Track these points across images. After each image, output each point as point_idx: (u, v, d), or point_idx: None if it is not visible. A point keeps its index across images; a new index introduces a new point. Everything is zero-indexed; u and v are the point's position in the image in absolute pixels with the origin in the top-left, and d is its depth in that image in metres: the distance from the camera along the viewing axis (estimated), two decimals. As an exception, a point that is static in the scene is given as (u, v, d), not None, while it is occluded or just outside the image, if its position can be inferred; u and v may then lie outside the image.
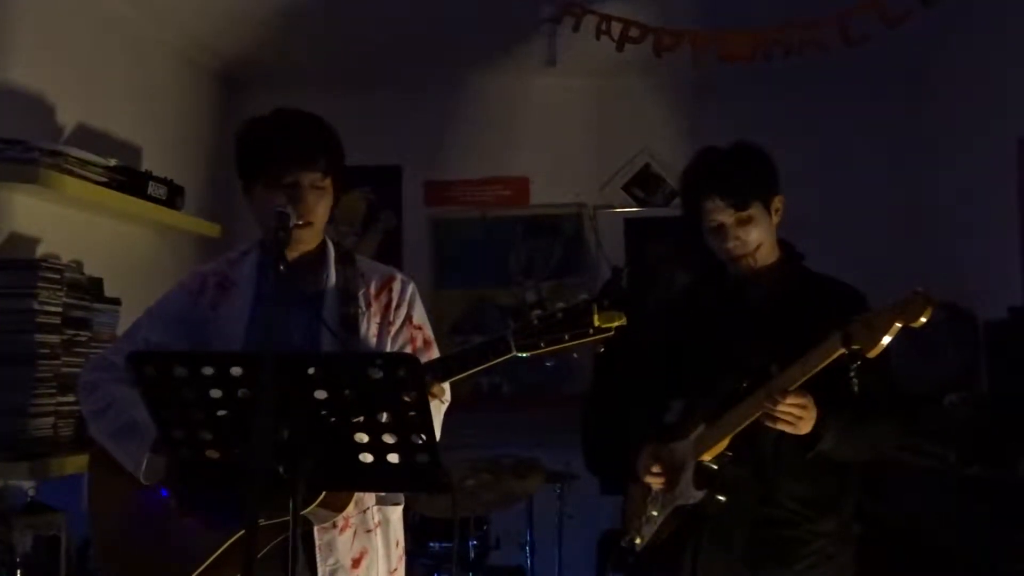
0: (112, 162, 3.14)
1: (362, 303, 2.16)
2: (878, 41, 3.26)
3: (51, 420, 2.73)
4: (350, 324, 2.11)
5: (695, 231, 2.44)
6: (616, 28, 3.44)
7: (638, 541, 2.46)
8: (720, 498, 2.29)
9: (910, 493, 3.47)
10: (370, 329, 2.14)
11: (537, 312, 1.85)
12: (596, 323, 1.82)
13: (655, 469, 2.39)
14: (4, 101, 2.97)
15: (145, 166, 3.66)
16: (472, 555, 3.72)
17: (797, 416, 2.13)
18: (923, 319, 1.95)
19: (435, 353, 2.19)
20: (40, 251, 3.06)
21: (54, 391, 2.74)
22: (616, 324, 1.84)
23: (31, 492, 2.78)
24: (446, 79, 4.74)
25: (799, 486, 2.30)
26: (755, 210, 2.33)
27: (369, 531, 2.12)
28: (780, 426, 2.15)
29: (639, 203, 4.87)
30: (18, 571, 2.62)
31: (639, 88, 4.83)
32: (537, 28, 3.51)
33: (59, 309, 2.78)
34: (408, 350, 2.16)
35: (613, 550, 2.56)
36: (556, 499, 4.05)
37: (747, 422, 2.20)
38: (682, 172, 2.45)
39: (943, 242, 4.42)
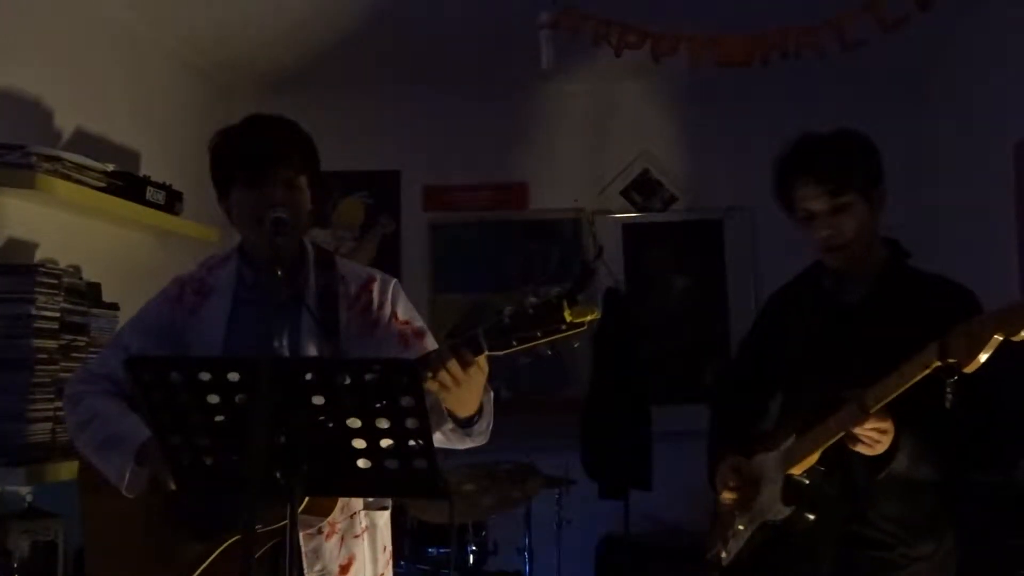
0: (110, 167, 3.15)
1: (343, 306, 2.14)
2: (876, 45, 3.26)
3: (48, 425, 2.73)
4: (331, 328, 2.09)
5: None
6: (614, 33, 3.45)
7: (724, 555, 2.34)
8: (809, 516, 2.16)
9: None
10: (352, 332, 2.12)
11: (508, 310, 1.82)
12: (568, 319, 1.80)
13: (732, 484, 2.27)
14: (2, 106, 2.98)
15: (143, 171, 3.66)
16: (470, 560, 3.72)
17: (876, 440, 1.99)
18: None
19: (429, 341, 2.15)
20: (38, 256, 3.06)
21: (51, 396, 2.73)
22: (589, 318, 1.81)
23: (28, 497, 2.78)
24: (445, 84, 4.75)
25: (894, 505, 2.14)
26: (852, 198, 2.16)
27: (357, 536, 2.11)
28: (859, 448, 2.01)
29: (637, 208, 4.87)
30: (15, 576, 2.63)
31: (637, 93, 4.84)
32: (535, 34, 3.51)
33: (57, 314, 2.78)
34: (399, 346, 2.13)
35: (702, 563, 2.44)
36: (554, 504, 4.05)
37: (838, 436, 2.04)
38: (775, 159, 2.30)
39: (941, 247, 4.42)
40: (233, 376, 1.64)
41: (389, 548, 2.23)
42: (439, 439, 2.01)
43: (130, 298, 3.06)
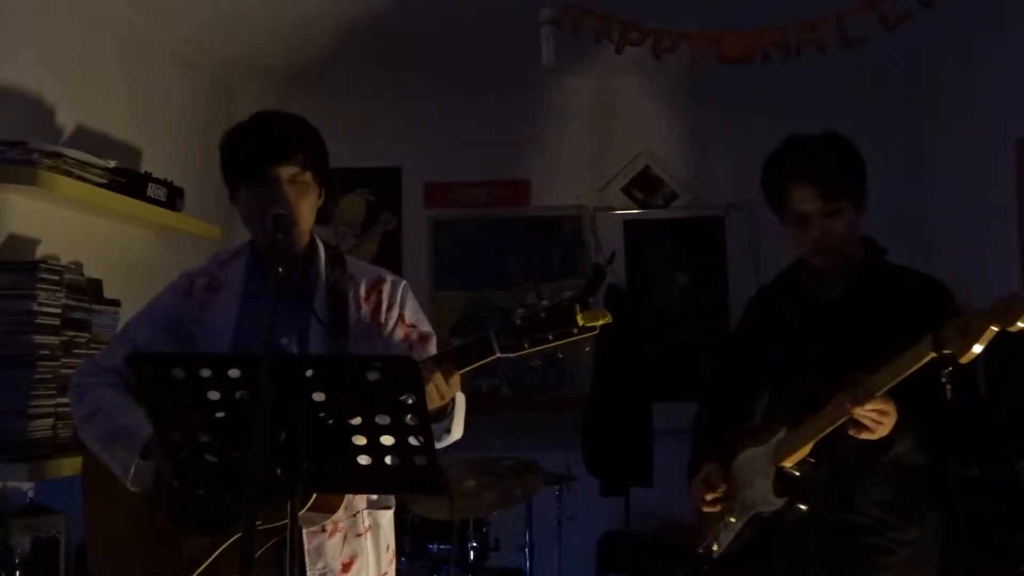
0: (111, 164, 3.15)
1: (352, 305, 2.14)
2: (877, 42, 3.26)
3: (50, 421, 2.74)
4: (340, 326, 2.10)
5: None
6: (615, 30, 3.44)
7: (715, 548, 2.38)
8: (801, 507, 2.21)
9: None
10: (360, 331, 2.12)
11: (520, 312, 1.83)
12: (580, 322, 1.81)
13: (708, 497, 2.36)
14: (3, 103, 2.98)
15: (144, 167, 3.66)
16: (471, 557, 3.71)
17: (878, 421, 2.05)
18: (1020, 324, 1.84)
19: (432, 347, 2.16)
20: (39, 252, 3.06)
21: (53, 392, 2.74)
22: (601, 322, 1.83)
23: (30, 493, 2.79)
24: (445, 81, 4.74)
25: (881, 491, 2.21)
26: (844, 203, 2.24)
27: (359, 535, 2.11)
28: (862, 433, 2.06)
29: (639, 205, 4.86)
30: (17, 572, 2.63)
31: (638, 90, 4.84)
32: (536, 30, 3.50)
33: (58, 310, 2.78)
34: (404, 349, 2.14)
35: (692, 556, 2.49)
36: (555, 501, 4.05)
37: (832, 427, 2.10)
38: (768, 158, 2.36)
39: (942, 243, 4.42)
40: (234, 372, 1.64)
41: (392, 547, 2.24)
42: None
43: (131, 294, 3.07)
